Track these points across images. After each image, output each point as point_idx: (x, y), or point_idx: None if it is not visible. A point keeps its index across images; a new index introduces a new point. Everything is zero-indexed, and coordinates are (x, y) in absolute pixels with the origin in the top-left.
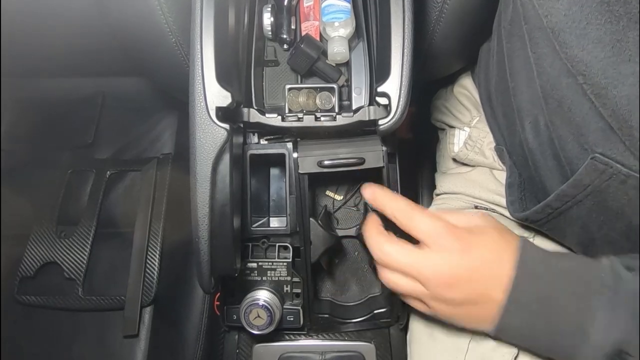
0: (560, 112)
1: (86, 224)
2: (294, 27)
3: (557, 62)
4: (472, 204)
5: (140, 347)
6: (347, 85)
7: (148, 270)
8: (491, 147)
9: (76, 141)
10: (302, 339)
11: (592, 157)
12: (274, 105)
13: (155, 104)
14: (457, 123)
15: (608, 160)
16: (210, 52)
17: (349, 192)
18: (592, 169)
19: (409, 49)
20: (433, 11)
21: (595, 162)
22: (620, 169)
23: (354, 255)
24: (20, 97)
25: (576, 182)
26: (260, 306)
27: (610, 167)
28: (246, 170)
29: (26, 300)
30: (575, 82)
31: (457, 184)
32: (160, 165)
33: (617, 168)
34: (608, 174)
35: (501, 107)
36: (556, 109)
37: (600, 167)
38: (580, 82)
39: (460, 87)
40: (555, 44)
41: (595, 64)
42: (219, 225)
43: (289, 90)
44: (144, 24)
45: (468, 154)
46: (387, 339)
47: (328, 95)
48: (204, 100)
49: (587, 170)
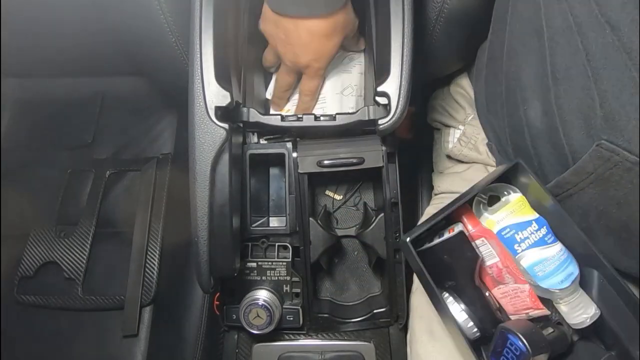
0: (570, 94)
1: (86, 223)
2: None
3: (573, 38)
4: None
5: (139, 347)
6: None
7: (147, 270)
8: (485, 143)
9: (75, 141)
10: (302, 338)
11: (597, 143)
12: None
13: (154, 104)
14: (453, 122)
15: (614, 147)
16: (210, 51)
17: (349, 191)
18: (597, 156)
19: (408, 49)
20: (433, 11)
21: (600, 149)
22: (627, 156)
23: (354, 255)
24: (20, 97)
25: (579, 169)
26: (260, 306)
27: (616, 155)
28: (246, 170)
29: (26, 300)
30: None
31: (454, 184)
32: (159, 165)
33: (624, 155)
34: (613, 161)
35: (498, 94)
36: (566, 91)
37: (605, 154)
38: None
39: (457, 86)
40: (571, 21)
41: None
42: (219, 225)
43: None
44: (143, 24)
45: (462, 149)
46: (386, 339)
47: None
48: (204, 99)
49: (591, 157)
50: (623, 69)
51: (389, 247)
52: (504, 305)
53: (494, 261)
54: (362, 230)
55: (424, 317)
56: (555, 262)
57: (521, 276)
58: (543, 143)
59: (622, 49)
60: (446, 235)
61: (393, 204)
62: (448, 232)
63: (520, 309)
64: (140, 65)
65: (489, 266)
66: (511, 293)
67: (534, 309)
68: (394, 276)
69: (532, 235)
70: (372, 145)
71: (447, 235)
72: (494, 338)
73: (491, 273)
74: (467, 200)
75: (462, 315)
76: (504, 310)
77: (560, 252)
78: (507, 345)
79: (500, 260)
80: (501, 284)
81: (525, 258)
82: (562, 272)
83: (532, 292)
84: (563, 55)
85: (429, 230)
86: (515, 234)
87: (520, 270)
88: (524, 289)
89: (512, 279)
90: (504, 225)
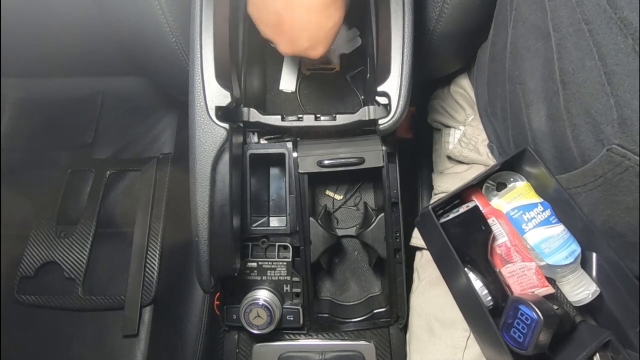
0: (579, 98)
1: (86, 223)
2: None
3: (583, 42)
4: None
5: (140, 347)
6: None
7: (148, 270)
8: (485, 144)
9: (76, 141)
10: (302, 338)
11: (608, 148)
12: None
13: (154, 104)
14: (453, 122)
15: (626, 152)
16: (210, 51)
17: (349, 191)
18: (608, 160)
19: (409, 48)
20: (433, 11)
21: (611, 154)
22: (638, 161)
23: (354, 255)
24: (20, 97)
25: (587, 171)
26: (260, 305)
27: (627, 159)
28: (246, 169)
29: (26, 300)
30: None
31: (455, 184)
32: (159, 164)
33: (635, 160)
34: (624, 166)
35: (501, 96)
36: (575, 95)
37: (616, 159)
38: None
39: (457, 86)
40: (582, 22)
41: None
42: (219, 225)
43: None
44: (144, 24)
45: (462, 151)
46: (386, 339)
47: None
48: (204, 99)
49: (601, 162)
50: (637, 73)
51: (389, 247)
52: (511, 285)
53: (503, 240)
54: (362, 230)
55: (423, 316)
56: (559, 239)
57: (528, 254)
58: (547, 146)
59: (636, 51)
60: (462, 210)
61: (393, 204)
62: (463, 209)
63: (526, 288)
64: (140, 65)
65: (497, 245)
66: (518, 272)
67: (539, 286)
68: (394, 276)
69: (538, 216)
70: (372, 145)
71: (463, 210)
72: (504, 311)
73: (500, 252)
74: (478, 182)
75: (478, 284)
76: (511, 290)
77: (563, 231)
78: (518, 316)
79: (509, 239)
80: (509, 263)
81: (532, 236)
82: (566, 249)
83: (538, 269)
84: (572, 59)
85: (444, 208)
86: (522, 214)
87: (527, 248)
88: (530, 266)
89: (520, 257)
90: (512, 207)
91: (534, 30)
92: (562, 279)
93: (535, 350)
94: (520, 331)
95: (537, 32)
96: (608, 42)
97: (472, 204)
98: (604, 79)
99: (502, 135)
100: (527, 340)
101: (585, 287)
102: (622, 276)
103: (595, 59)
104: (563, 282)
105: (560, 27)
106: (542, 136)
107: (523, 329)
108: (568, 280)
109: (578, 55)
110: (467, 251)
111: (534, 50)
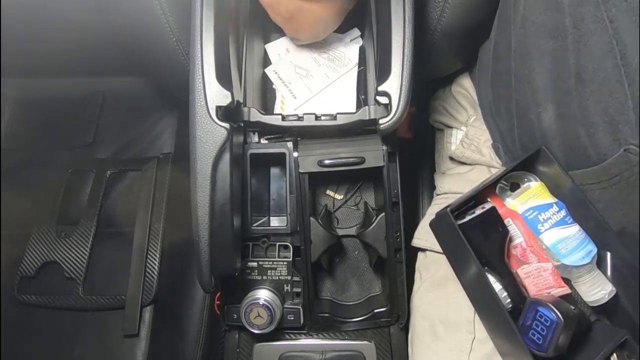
0: (598, 97)
1: (86, 223)
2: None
3: (605, 40)
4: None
5: (140, 347)
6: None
7: (148, 270)
8: (488, 145)
9: (76, 141)
10: (303, 338)
11: (625, 148)
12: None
13: (155, 104)
14: (455, 123)
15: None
16: (211, 51)
17: (350, 191)
18: (624, 160)
19: (409, 48)
20: (434, 10)
21: (628, 154)
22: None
23: (354, 255)
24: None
25: (603, 169)
26: (261, 305)
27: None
28: (246, 169)
29: (26, 300)
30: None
31: (457, 184)
32: (160, 164)
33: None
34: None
35: (505, 95)
36: (594, 93)
37: (633, 159)
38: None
39: (458, 86)
40: (606, 19)
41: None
42: (219, 225)
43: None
44: (144, 23)
45: (464, 152)
46: (387, 338)
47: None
48: (204, 99)
49: (618, 161)
50: None
51: (389, 246)
52: (527, 286)
53: (519, 241)
54: (363, 229)
55: (426, 318)
56: (576, 239)
57: (544, 255)
58: (556, 144)
59: None
60: (478, 211)
61: (394, 204)
62: (479, 210)
63: (542, 289)
64: (140, 65)
65: (513, 246)
66: (534, 273)
67: (556, 287)
68: (394, 276)
69: (554, 216)
70: (372, 144)
71: (479, 212)
72: (522, 313)
73: (515, 253)
74: (493, 182)
75: (497, 286)
76: (527, 291)
77: (579, 231)
78: (537, 318)
79: (524, 240)
80: (525, 264)
81: (549, 237)
82: (582, 249)
83: (554, 270)
84: (592, 57)
85: (459, 211)
86: (538, 214)
87: (543, 249)
88: (546, 267)
89: (536, 258)
90: (527, 207)
91: (544, 30)
92: (578, 279)
93: (555, 352)
94: (540, 333)
95: (547, 31)
96: (633, 42)
97: (488, 205)
98: (625, 79)
99: (507, 134)
100: (547, 342)
101: (601, 287)
102: (636, 275)
103: (617, 58)
104: (579, 282)
105: (581, 25)
106: (552, 135)
107: (542, 331)
108: (584, 280)
109: (599, 53)
110: (483, 253)
111: (543, 49)
